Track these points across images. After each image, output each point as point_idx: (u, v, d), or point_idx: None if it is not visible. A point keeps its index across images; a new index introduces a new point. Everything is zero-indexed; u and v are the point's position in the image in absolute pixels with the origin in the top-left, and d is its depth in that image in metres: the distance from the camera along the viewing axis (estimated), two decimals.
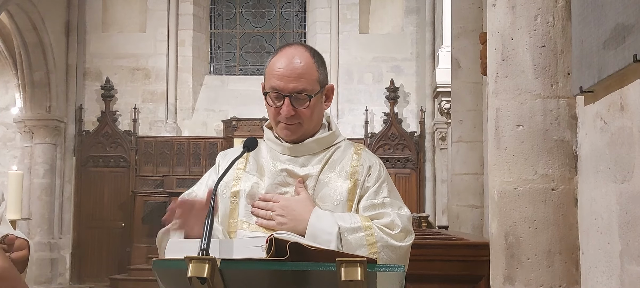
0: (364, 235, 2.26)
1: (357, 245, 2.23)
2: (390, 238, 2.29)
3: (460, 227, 8.31)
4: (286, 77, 2.34)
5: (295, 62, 2.36)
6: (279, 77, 2.35)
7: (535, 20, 3.22)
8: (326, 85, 2.45)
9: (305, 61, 2.38)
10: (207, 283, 1.76)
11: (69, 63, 15.30)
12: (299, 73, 2.35)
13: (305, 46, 2.48)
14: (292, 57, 2.37)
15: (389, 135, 15.19)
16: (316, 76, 2.39)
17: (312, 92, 2.36)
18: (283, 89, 2.34)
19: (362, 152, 2.51)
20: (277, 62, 2.38)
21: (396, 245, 2.29)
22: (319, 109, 2.44)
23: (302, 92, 2.35)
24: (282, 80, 2.34)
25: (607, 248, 2.76)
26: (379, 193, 2.42)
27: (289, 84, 2.34)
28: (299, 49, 2.43)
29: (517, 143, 3.24)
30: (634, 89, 2.46)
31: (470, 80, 8.28)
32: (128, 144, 15.39)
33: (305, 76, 2.35)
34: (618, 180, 2.62)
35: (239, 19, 16.78)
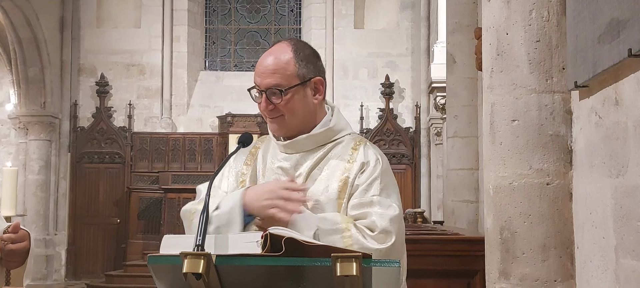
0: (340, 238, 2.23)
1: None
2: (368, 240, 2.25)
3: (455, 222, 8.32)
4: (262, 74, 2.41)
5: (271, 58, 2.42)
6: (257, 74, 2.43)
7: (530, 15, 3.22)
8: (312, 79, 2.45)
9: (283, 57, 2.42)
10: (202, 279, 1.76)
11: (64, 59, 15.27)
12: (273, 69, 2.40)
13: (293, 42, 2.50)
14: (270, 54, 2.44)
15: (384, 130, 15.20)
16: (293, 71, 2.41)
17: (285, 86, 2.38)
18: (259, 84, 2.41)
19: (360, 147, 2.48)
20: (260, 59, 2.46)
21: (372, 248, 2.22)
22: (304, 103, 2.44)
23: (274, 87, 2.38)
24: (259, 77, 2.41)
25: (602, 243, 2.76)
26: (369, 191, 2.38)
27: (264, 79, 2.40)
28: (282, 45, 2.47)
29: (512, 138, 3.25)
30: (629, 83, 2.46)
31: (465, 75, 8.29)
32: (123, 140, 15.37)
33: (279, 71, 2.39)
34: (613, 175, 2.62)
35: (233, 15, 16.76)
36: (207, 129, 15.53)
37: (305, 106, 2.45)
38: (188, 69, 15.80)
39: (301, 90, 2.42)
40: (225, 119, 15.00)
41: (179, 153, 15.32)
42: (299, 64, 2.42)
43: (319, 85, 2.48)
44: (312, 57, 2.49)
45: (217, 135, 15.24)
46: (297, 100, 2.41)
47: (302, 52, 2.46)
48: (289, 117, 2.42)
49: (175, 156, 15.32)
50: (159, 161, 15.32)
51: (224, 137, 14.93)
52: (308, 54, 2.48)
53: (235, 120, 14.83)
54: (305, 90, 2.44)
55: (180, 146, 15.35)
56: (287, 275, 1.85)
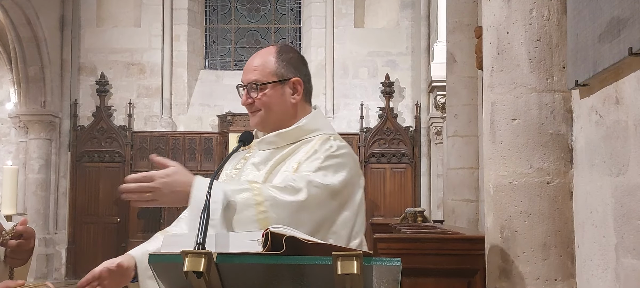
0: (251, 195, 2.27)
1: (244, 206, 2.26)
2: (279, 194, 2.30)
3: (455, 221, 8.32)
4: (245, 70, 2.61)
5: (256, 57, 2.62)
6: (243, 71, 2.63)
7: (530, 14, 3.22)
8: (291, 79, 2.59)
9: (265, 56, 2.61)
10: (203, 278, 1.76)
11: (64, 58, 15.26)
12: (254, 66, 2.59)
13: (280, 46, 2.68)
14: (256, 54, 2.64)
15: (384, 129, 15.20)
16: (272, 68, 2.58)
17: (262, 81, 2.56)
18: (242, 80, 2.62)
19: (319, 141, 2.55)
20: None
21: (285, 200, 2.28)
22: (282, 100, 2.59)
23: (255, 81, 2.56)
24: (243, 74, 2.62)
25: (602, 242, 2.77)
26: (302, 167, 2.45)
27: (245, 75, 2.60)
28: (269, 47, 2.66)
29: (512, 137, 3.25)
30: (629, 82, 2.46)
31: (465, 74, 8.29)
32: (123, 139, 15.37)
33: (258, 68, 2.58)
34: (613, 174, 2.62)
35: (234, 14, 16.75)
36: (207, 127, 15.53)
37: (282, 103, 2.59)
38: (188, 68, 15.80)
39: (279, 87, 2.58)
40: (225, 118, 15.00)
41: (179, 152, 15.31)
42: (279, 63, 2.59)
43: (298, 86, 2.61)
44: (294, 61, 2.65)
45: (217, 134, 15.24)
46: (273, 96, 2.57)
47: (285, 55, 2.62)
48: (265, 112, 2.58)
49: (176, 155, 15.31)
50: None
51: (224, 136, 14.93)
52: (291, 57, 2.64)
53: (235, 119, 14.82)
54: (284, 89, 2.59)
55: (181, 145, 15.35)
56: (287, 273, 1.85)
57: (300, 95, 2.62)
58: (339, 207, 2.44)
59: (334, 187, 2.41)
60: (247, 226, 2.22)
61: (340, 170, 2.47)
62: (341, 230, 2.41)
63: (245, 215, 2.25)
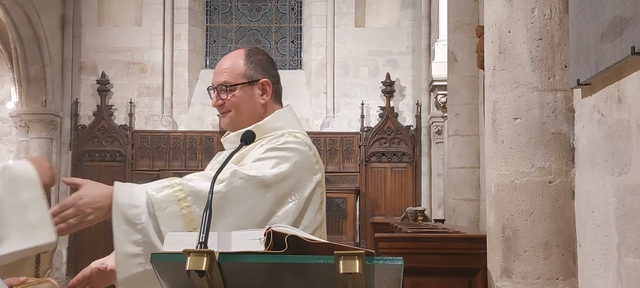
0: (172, 192, 2.30)
1: (167, 202, 2.29)
2: (201, 188, 2.31)
3: (456, 220, 8.32)
4: (215, 73, 2.68)
5: (222, 60, 2.70)
6: (213, 74, 2.70)
7: (532, 13, 3.22)
8: (259, 80, 2.65)
9: (234, 58, 2.68)
10: (205, 276, 1.75)
11: (65, 57, 15.26)
12: (224, 68, 2.66)
13: (249, 48, 2.76)
14: (226, 56, 2.71)
15: (385, 129, 15.19)
16: (241, 70, 2.64)
17: (231, 82, 2.62)
18: (212, 82, 2.68)
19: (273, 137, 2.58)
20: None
21: (205, 191, 2.26)
22: (251, 101, 2.65)
23: (224, 83, 2.63)
24: (213, 76, 2.68)
25: (604, 241, 2.76)
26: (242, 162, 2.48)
27: (215, 78, 2.67)
28: (238, 50, 2.72)
29: (514, 136, 3.24)
30: (632, 81, 2.46)
31: (466, 73, 8.29)
32: (124, 138, 15.37)
33: (227, 70, 2.65)
34: (615, 173, 2.62)
35: (234, 13, 16.75)
36: (208, 127, 15.53)
37: (251, 104, 2.65)
38: (189, 67, 15.80)
39: (248, 89, 2.64)
40: None
41: (180, 151, 15.31)
42: (248, 65, 2.65)
43: (266, 87, 2.67)
44: (263, 63, 2.70)
45: (218, 134, 15.22)
46: (243, 97, 2.63)
47: (254, 57, 2.69)
48: (235, 113, 2.64)
49: (176, 154, 15.32)
50: (160, 159, 15.32)
51: None
52: (260, 59, 2.70)
53: None
54: (253, 90, 2.65)
55: (181, 144, 15.35)
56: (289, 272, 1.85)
57: (269, 96, 2.67)
58: (277, 200, 2.43)
59: (264, 179, 2.40)
60: (173, 222, 2.26)
61: (280, 163, 2.48)
62: (280, 223, 2.38)
63: (168, 211, 2.27)
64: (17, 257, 2.02)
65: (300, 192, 2.51)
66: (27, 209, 2.02)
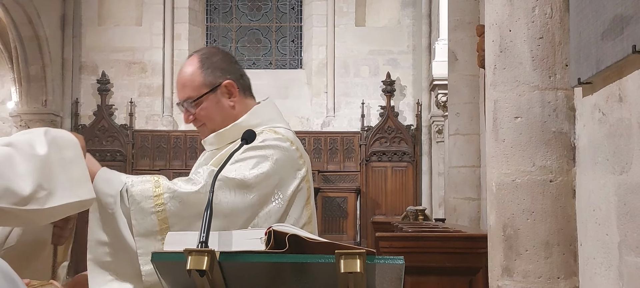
0: (151, 187, 2.29)
1: (142, 197, 2.27)
2: (179, 188, 2.29)
3: (457, 219, 8.32)
4: (177, 88, 2.63)
5: (181, 72, 2.61)
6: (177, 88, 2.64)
7: (533, 12, 3.22)
8: (221, 83, 2.56)
9: (188, 70, 2.58)
10: (206, 276, 1.75)
11: (65, 57, 15.27)
12: (183, 83, 2.58)
13: (201, 52, 2.64)
14: (182, 68, 2.62)
15: (385, 128, 15.20)
16: (200, 80, 2.55)
17: (195, 96, 2.55)
18: (179, 98, 2.62)
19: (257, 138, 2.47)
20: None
21: (182, 192, 2.27)
22: (219, 107, 2.58)
23: (187, 99, 2.57)
24: (177, 92, 2.63)
25: (605, 240, 2.76)
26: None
27: (179, 93, 2.61)
28: (191, 58, 2.62)
29: (515, 135, 3.24)
30: (633, 80, 2.45)
31: (467, 72, 8.29)
32: (124, 137, 15.38)
33: (187, 84, 2.56)
34: (616, 172, 2.62)
35: (235, 12, 16.75)
36: None
37: (221, 110, 2.58)
38: None
39: (213, 96, 2.56)
40: None
41: (180, 151, 15.32)
42: (205, 72, 2.56)
43: (230, 88, 2.59)
44: (220, 62, 2.60)
45: None
46: (211, 106, 2.56)
47: (209, 61, 2.58)
48: (209, 124, 2.59)
49: (177, 154, 15.32)
50: (161, 159, 15.32)
51: None
52: (215, 61, 2.59)
53: None
54: (217, 96, 2.57)
55: (182, 144, 15.36)
56: (290, 271, 1.84)
57: (237, 95, 2.60)
58: (260, 201, 2.39)
59: (244, 181, 2.36)
60: (145, 217, 2.25)
61: (260, 162, 2.42)
62: (263, 223, 2.36)
63: (141, 206, 2.26)
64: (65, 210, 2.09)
65: (284, 190, 2.46)
66: (70, 165, 2.10)
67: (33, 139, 2.07)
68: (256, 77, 15.88)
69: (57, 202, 2.02)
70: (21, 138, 2.06)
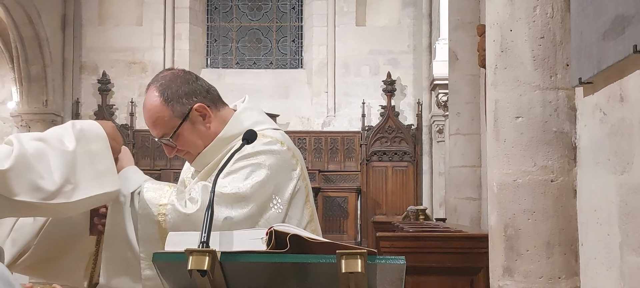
0: (160, 195, 2.32)
1: (151, 203, 2.30)
2: (177, 203, 2.30)
3: (458, 219, 8.32)
4: (148, 126, 2.50)
5: (145, 110, 2.48)
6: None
7: (534, 12, 3.22)
8: (191, 110, 2.46)
9: (153, 106, 2.45)
10: (207, 276, 1.75)
11: (66, 57, 15.27)
12: (152, 121, 2.46)
13: (158, 84, 2.48)
14: (144, 105, 2.50)
15: (386, 128, 15.19)
16: (169, 114, 2.44)
17: (170, 132, 2.45)
18: (154, 136, 2.51)
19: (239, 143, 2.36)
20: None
21: (180, 210, 2.28)
22: (197, 132, 2.49)
23: (163, 136, 2.47)
24: (149, 129, 2.50)
25: (606, 240, 2.76)
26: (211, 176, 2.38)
27: (152, 131, 2.49)
28: (149, 92, 2.48)
29: (516, 135, 3.24)
30: (634, 80, 2.45)
31: (467, 72, 8.29)
32: (125, 137, 15.37)
33: (158, 122, 2.45)
34: (617, 172, 2.61)
35: (235, 12, 16.75)
36: None
37: (200, 133, 2.49)
38: (190, 67, 15.77)
39: (187, 125, 2.46)
40: None
41: None
42: (170, 105, 2.44)
43: (203, 111, 2.48)
44: (182, 87, 2.47)
45: None
46: (188, 134, 2.47)
47: (169, 91, 2.45)
48: (193, 150, 2.51)
49: None
50: (162, 159, 15.32)
51: None
52: (175, 90, 2.46)
53: None
54: (191, 123, 2.47)
55: None
56: (291, 271, 1.84)
57: (211, 114, 2.50)
58: (259, 210, 2.36)
59: (239, 193, 2.33)
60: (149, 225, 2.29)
61: (254, 171, 2.38)
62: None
63: (146, 213, 2.29)
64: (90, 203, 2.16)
65: (281, 194, 2.41)
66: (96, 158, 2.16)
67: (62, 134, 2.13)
68: (256, 77, 15.96)
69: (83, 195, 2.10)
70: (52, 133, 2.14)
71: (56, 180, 2.03)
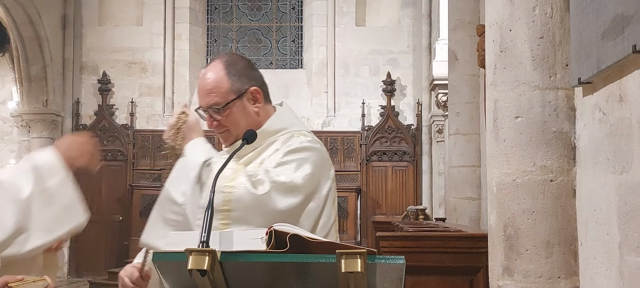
0: (231, 172, 2.42)
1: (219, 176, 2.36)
2: (248, 183, 2.42)
3: (457, 219, 8.32)
4: (200, 94, 2.65)
5: (205, 78, 2.63)
6: (198, 94, 2.66)
7: (533, 12, 3.22)
8: (248, 90, 2.61)
9: (215, 75, 2.61)
10: (207, 276, 1.76)
11: (66, 57, 15.27)
12: (209, 89, 2.60)
13: (224, 58, 2.66)
14: (204, 74, 2.65)
15: (385, 128, 15.19)
16: (227, 87, 2.59)
17: (222, 103, 2.59)
18: (201, 104, 2.64)
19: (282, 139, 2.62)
20: (200, 78, 2.69)
21: (250, 190, 2.40)
22: (245, 113, 2.63)
23: (213, 105, 2.60)
24: (200, 97, 2.65)
25: (606, 239, 2.76)
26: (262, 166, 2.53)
27: (203, 99, 2.63)
28: (213, 64, 2.65)
29: (515, 134, 3.24)
30: (634, 79, 2.45)
31: (467, 72, 8.29)
32: (125, 137, 15.37)
33: (214, 90, 2.59)
34: (617, 171, 2.62)
35: (235, 12, 16.75)
36: None
37: (246, 116, 2.63)
38: (190, 67, 15.80)
39: (239, 103, 2.61)
40: None
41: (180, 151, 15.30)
42: (232, 79, 2.60)
43: (256, 94, 2.64)
44: (245, 69, 2.65)
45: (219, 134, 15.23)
46: (237, 113, 2.61)
47: (234, 67, 2.62)
48: (233, 130, 2.64)
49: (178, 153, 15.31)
50: (161, 158, 15.31)
51: None
52: (240, 68, 2.63)
53: None
54: (243, 102, 2.62)
55: None
56: (291, 271, 1.85)
57: (261, 102, 2.65)
58: (305, 201, 2.48)
59: (294, 183, 2.45)
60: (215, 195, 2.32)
61: (302, 164, 2.50)
62: (304, 221, 2.44)
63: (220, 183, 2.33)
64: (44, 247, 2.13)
65: (320, 191, 2.54)
66: (54, 196, 2.12)
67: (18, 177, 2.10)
68: None
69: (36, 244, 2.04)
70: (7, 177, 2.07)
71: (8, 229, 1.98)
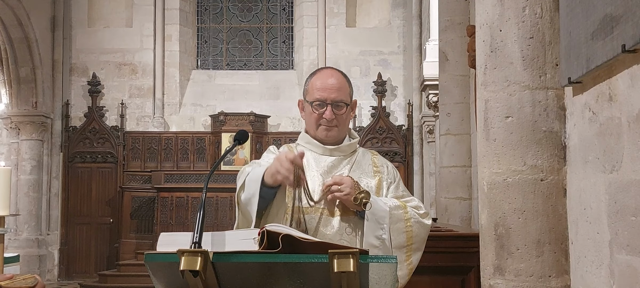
0: (402, 212, 2.93)
1: (397, 219, 2.90)
2: (419, 216, 2.98)
3: (448, 219, 8.33)
4: (328, 90, 3.01)
5: (335, 78, 3.05)
6: (322, 90, 3.01)
7: (523, 12, 3.23)
8: (354, 101, 3.11)
9: (342, 79, 3.07)
10: (199, 276, 1.76)
11: (55, 58, 15.22)
12: (338, 87, 3.03)
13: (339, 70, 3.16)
14: (331, 75, 3.07)
15: (376, 128, 15.22)
16: (349, 91, 3.07)
17: (347, 102, 3.04)
18: (326, 98, 2.99)
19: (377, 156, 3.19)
20: (318, 80, 3.06)
21: (423, 222, 2.99)
22: (348, 119, 3.10)
23: (341, 101, 3.01)
24: (325, 92, 3.00)
25: (596, 238, 2.77)
26: (398, 188, 3.11)
27: (331, 94, 3.00)
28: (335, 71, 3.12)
29: (506, 134, 3.25)
30: (623, 79, 2.47)
31: (457, 73, 8.30)
32: (115, 139, 15.34)
33: (342, 89, 3.03)
34: (607, 170, 2.63)
35: (225, 14, 16.73)
36: (200, 127, 15.51)
37: (348, 122, 3.12)
38: (180, 68, 15.77)
39: (348, 109, 3.07)
40: (217, 117, 15.00)
41: (171, 152, 15.29)
42: (351, 88, 3.11)
43: (355, 107, 3.16)
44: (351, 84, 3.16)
45: (210, 134, 15.22)
46: (347, 116, 3.08)
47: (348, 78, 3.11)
48: (340, 128, 3.06)
49: (168, 155, 15.29)
50: (152, 160, 15.29)
51: (217, 135, 14.92)
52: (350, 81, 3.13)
53: (227, 119, 14.82)
54: (349, 110, 3.08)
55: (173, 145, 15.32)
56: (284, 271, 1.85)
57: (354, 113, 3.18)
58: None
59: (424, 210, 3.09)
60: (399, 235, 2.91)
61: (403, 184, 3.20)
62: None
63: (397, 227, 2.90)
64: None
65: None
66: None
67: None
68: (247, 78, 15.94)
69: None
70: None
71: None
